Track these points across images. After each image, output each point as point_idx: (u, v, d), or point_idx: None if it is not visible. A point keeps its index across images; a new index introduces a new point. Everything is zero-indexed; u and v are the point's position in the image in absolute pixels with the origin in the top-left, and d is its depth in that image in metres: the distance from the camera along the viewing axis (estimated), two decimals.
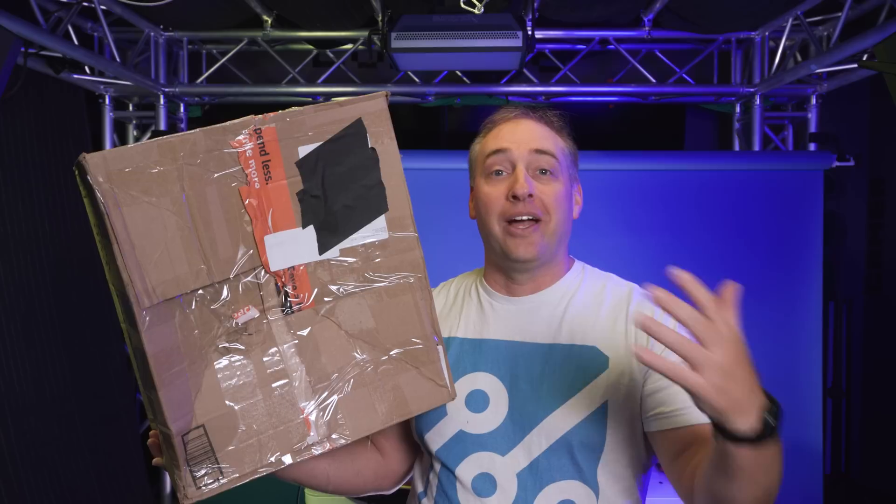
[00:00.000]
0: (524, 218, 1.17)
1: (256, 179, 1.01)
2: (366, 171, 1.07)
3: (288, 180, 1.03)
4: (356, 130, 1.05)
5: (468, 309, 1.28)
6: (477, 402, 1.20)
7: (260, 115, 1.01)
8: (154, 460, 1.08)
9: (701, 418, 1.09)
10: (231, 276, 1.00)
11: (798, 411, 3.30)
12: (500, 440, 1.18)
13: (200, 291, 0.99)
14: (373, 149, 1.06)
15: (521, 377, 1.19)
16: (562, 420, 1.14)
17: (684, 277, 0.86)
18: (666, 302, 0.85)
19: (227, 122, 0.99)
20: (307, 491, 2.67)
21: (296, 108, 1.03)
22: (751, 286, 3.66)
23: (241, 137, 0.99)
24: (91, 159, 0.90)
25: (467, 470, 1.19)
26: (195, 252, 0.97)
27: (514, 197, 1.16)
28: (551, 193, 1.18)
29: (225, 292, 1.01)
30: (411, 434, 1.29)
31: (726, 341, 0.85)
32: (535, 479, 1.16)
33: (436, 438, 1.22)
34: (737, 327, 0.86)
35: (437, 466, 1.23)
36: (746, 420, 0.86)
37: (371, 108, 1.06)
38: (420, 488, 1.28)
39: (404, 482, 1.38)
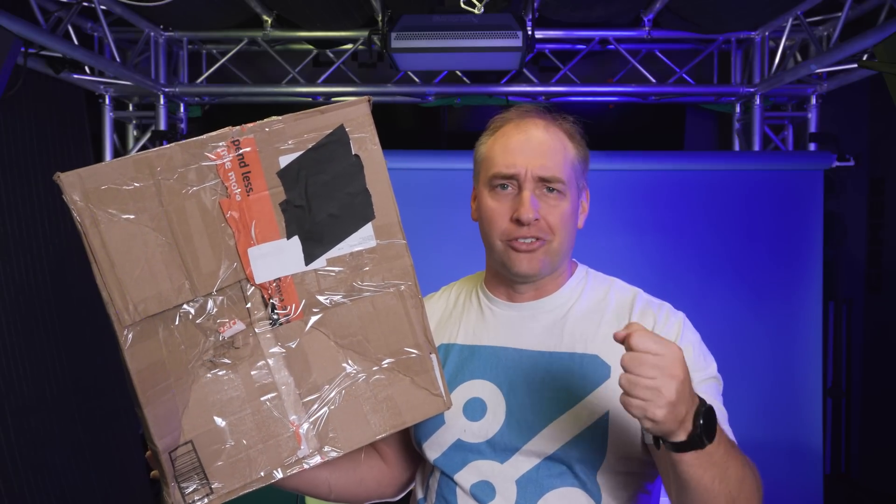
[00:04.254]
0: (528, 241, 1.14)
1: (237, 191, 0.99)
2: (350, 178, 1.04)
3: (270, 191, 1.00)
4: (338, 137, 1.03)
5: (468, 315, 1.26)
6: (474, 410, 1.18)
7: (238, 127, 0.99)
8: (152, 473, 1.08)
9: None
10: (215, 290, 0.99)
11: (798, 411, 3.30)
12: (499, 448, 1.16)
13: (185, 307, 0.98)
14: (356, 156, 1.04)
15: (520, 385, 1.16)
16: (562, 430, 1.12)
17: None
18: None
19: (205, 135, 0.97)
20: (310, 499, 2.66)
21: (275, 118, 1.00)
22: (751, 286, 3.66)
23: (219, 150, 0.97)
24: (66, 178, 0.90)
25: (466, 477, 1.17)
26: (177, 267, 0.96)
27: (518, 221, 1.13)
28: (557, 214, 1.14)
29: (210, 306, 0.99)
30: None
31: (650, 367, 0.91)
32: (534, 485, 1.14)
33: (434, 447, 1.20)
34: (655, 349, 0.92)
35: (437, 473, 1.22)
36: (682, 428, 0.93)
37: (353, 114, 1.03)
38: (420, 494, 1.27)
39: (408, 489, 1.36)
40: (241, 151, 0.98)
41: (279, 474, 1.03)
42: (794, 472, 3.28)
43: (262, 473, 1.02)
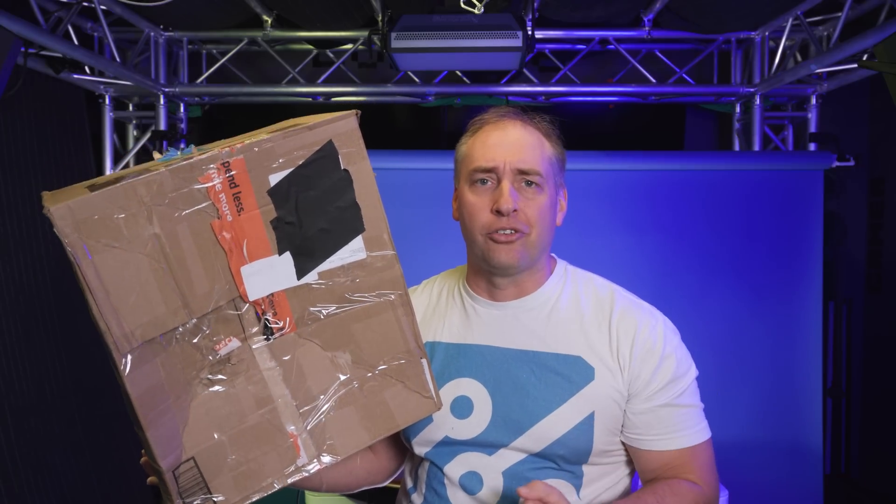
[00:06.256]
0: (507, 232, 1.17)
1: (228, 212, 0.99)
2: (339, 192, 1.05)
3: (261, 209, 1.01)
4: (327, 153, 1.03)
5: (451, 313, 1.29)
6: (462, 408, 1.21)
7: (227, 148, 0.99)
8: (149, 479, 1.09)
9: (670, 445, 1.16)
10: (210, 310, 1.00)
11: (798, 411, 3.30)
12: (486, 444, 1.19)
13: (180, 329, 0.99)
14: (345, 170, 1.04)
15: (505, 384, 1.19)
16: (550, 429, 1.16)
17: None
18: None
19: (194, 159, 0.97)
20: (307, 491, 2.67)
21: (263, 137, 1.00)
22: (751, 286, 3.66)
23: (209, 172, 0.97)
24: (56, 212, 0.89)
25: (455, 469, 1.21)
26: (171, 291, 0.97)
27: (498, 212, 1.16)
28: (535, 207, 1.17)
29: (205, 326, 1.01)
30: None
31: None
32: (521, 477, 1.18)
33: (423, 444, 1.24)
34: None
35: (426, 464, 1.26)
36: None
37: (341, 129, 1.04)
38: (410, 484, 1.31)
39: (396, 475, 1.40)
40: (231, 173, 0.98)
41: (280, 484, 1.06)
42: (794, 472, 3.28)
43: (264, 484, 1.05)
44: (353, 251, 1.07)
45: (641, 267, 3.27)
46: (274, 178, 1.01)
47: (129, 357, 0.94)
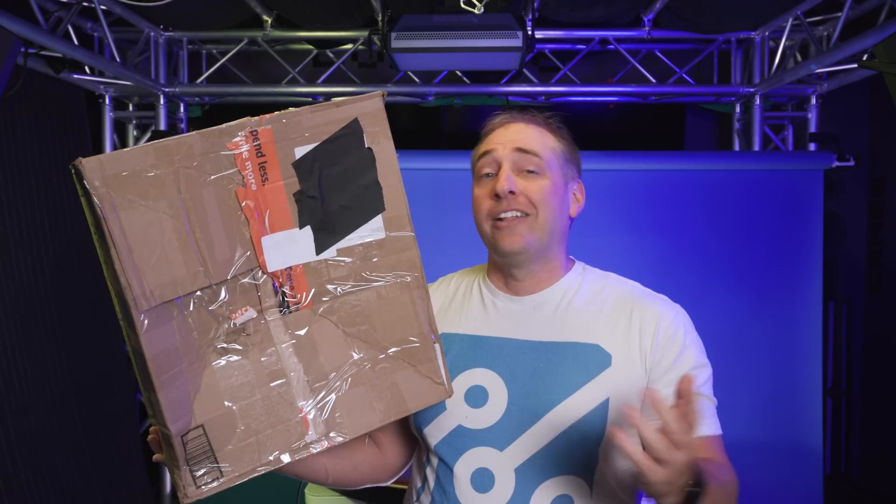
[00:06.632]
0: (510, 215, 1.19)
1: (253, 181, 1.01)
2: (362, 171, 1.07)
3: (284, 181, 1.03)
4: (353, 130, 1.06)
5: (469, 306, 1.29)
6: (476, 397, 1.21)
7: (256, 117, 1.01)
8: (154, 457, 1.09)
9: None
10: (229, 278, 1.01)
11: (798, 411, 3.30)
12: (499, 435, 1.18)
13: (198, 293, 0.99)
14: (369, 149, 1.07)
15: (521, 373, 1.19)
16: (564, 415, 1.15)
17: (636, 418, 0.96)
18: (637, 422, 0.96)
19: (224, 125, 0.99)
20: (307, 490, 2.67)
21: (292, 110, 1.03)
22: (751, 286, 3.65)
23: (237, 139, 1.00)
24: (87, 164, 0.91)
25: (465, 466, 1.20)
26: (192, 254, 0.98)
27: (496, 195, 1.18)
28: (537, 189, 1.19)
29: (223, 293, 1.01)
30: (409, 428, 1.31)
31: (685, 447, 0.95)
32: (533, 474, 1.17)
33: (435, 433, 1.23)
34: (690, 436, 0.97)
35: (435, 461, 1.25)
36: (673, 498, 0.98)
37: (368, 108, 1.06)
38: (418, 483, 1.30)
39: (400, 475, 1.39)
40: (258, 142, 1.01)
41: (287, 458, 1.05)
42: (794, 472, 3.28)
43: (271, 458, 1.04)
44: (372, 230, 1.08)
45: (641, 267, 3.27)
46: (299, 151, 1.03)
47: (147, 316, 0.94)
